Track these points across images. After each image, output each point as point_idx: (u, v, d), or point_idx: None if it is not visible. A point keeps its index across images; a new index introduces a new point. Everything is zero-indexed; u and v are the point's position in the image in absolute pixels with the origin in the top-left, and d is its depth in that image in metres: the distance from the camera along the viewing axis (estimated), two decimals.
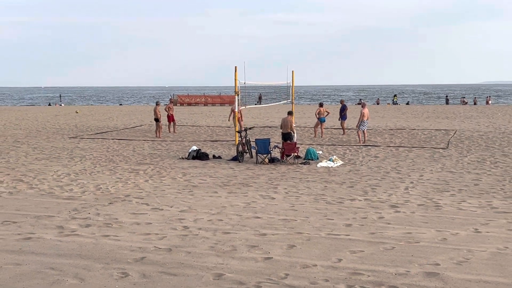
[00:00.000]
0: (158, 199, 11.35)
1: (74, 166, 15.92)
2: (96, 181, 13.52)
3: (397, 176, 13.94)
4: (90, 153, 18.90)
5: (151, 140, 23.27)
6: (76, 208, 10.48)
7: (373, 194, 11.76)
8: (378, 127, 28.40)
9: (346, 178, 13.72)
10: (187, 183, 13.17)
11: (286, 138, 18.01)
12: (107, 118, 38.97)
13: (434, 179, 13.54)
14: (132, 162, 16.74)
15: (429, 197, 11.33)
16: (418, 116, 38.00)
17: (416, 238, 8.30)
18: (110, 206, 10.71)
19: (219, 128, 29.31)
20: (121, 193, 12.00)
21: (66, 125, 32.22)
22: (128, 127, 30.49)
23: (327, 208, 10.38)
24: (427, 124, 30.73)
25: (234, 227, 9.05)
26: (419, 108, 51.01)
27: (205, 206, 10.66)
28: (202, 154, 17.44)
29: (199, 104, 60.03)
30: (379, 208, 10.35)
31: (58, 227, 9.06)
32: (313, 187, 12.54)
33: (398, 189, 12.30)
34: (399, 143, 21.28)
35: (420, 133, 25.31)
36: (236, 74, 21.03)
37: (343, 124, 25.37)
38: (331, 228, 8.91)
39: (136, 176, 14.19)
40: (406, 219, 9.50)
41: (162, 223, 9.34)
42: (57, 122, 34.83)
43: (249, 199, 11.30)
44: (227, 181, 13.49)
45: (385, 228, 8.89)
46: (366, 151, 19.09)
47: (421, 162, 16.41)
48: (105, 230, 8.86)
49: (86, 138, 24.35)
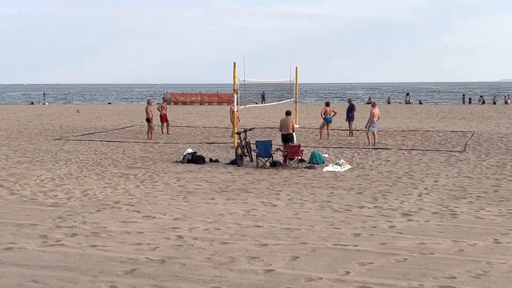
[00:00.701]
0: (150, 206, 11.35)
1: (59, 170, 15.93)
2: (82, 186, 13.52)
3: (410, 182, 13.95)
4: (76, 156, 18.91)
5: (142, 142, 23.29)
6: (61, 216, 10.48)
7: (383, 201, 11.76)
8: (389, 128, 28.41)
9: (354, 184, 13.72)
10: (181, 189, 13.18)
11: (287, 139, 18.02)
12: (94, 118, 38.99)
13: (450, 185, 13.54)
14: (122, 166, 16.75)
15: (445, 205, 11.33)
16: (433, 116, 38.01)
17: (430, 249, 8.30)
18: (98, 213, 10.71)
19: (216, 129, 29.33)
20: (110, 199, 12.00)
21: (50, 125, 32.24)
22: (118, 127, 30.51)
23: (333, 216, 10.38)
24: (442, 125, 30.74)
25: (233, 236, 9.04)
26: (434, 107, 51.03)
27: (201, 214, 10.66)
28: (198, 158, 17.45)
29: (194, 103, 60.10)
30: (390, 217, 10.35)
31: (42, 237, 9.07)
32: (318, 194, 12.55)
33: (411, 195, 12.30)
34: (412, 146, 21.28)
35: (435, 135, 25.32)
36: (235, 70, 21.06)
37: (351, 125, 25.38)
38: (338, 238, 8.91)
39: (126, 181, 14.19)
40: (420, 229, 9.50)
41: (155, 232, 9.34)
42: (41, 122, 34.86)
43: (249, 206, 11.30)
44: (225, 186, 13.50)
45: (397, 238, 8.89)
46: (376, 154, 19.09)
47: (436, 166, 16.41)
48: (93, 240, 8.86)
49: (72, 139, 24.36)
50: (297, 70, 30.75)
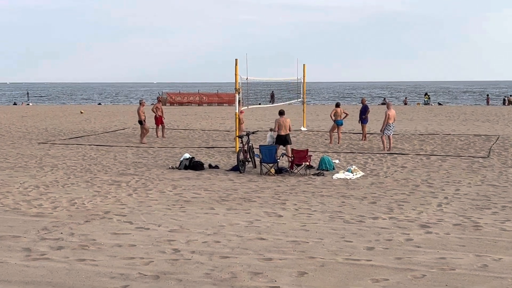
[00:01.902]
0: (143, 216, 11.37)
1: (44, 177, 15.97)
2: (70, 194, 13.55)
3: (429, 190, 13.94)
4: (63, 162, 18.95)
5: (135, 146, 23.33)
6: (46, 227, 10.50)
7: (399, 211, 11.75)
8: (406, 132, 28.40)
9: (367, 192, 13.72)
10: (178, 198, 13.19)
11: (286, 141, 18.15)
12: (83, 120, 39.09)
13: (472, 193, 13.52)
14: (113, 173, 16.79)
15: (467, 216, 11.31)
16: (454, 118, 37.99)
17: (451, 265, 8.29)
18: (86, 224, 10.73)
19: (216, 132, 29.36)
20: (99, 209, 12.02)
21: (34, 128, 32.33)
22: (108, 130, 30.58)
23: (344, 228, 10.38)
24: (464, 128, 30.72)
25: (234, 250, 9.05)
26: (455, 109, 51.00)
27: (200, 225, 10.67)
28: (196, 163, 17.47)
29: (192, 104, 60.26)
30: (407, 229, 10.34)
31: (25, 250, 9.08)
32: (328, 203, 12.55)
33: (430, 205, 12.29)
34: (431, 151, 21.27)
35: (456, 139, 25.30)
36: (236, 68, 21.10)
37: (365, 128, 25.39)
38: (349, 252, 8.91)
39: (118, 189, 14.22)
40: (439, 242, 9.49)
41: (148, 245, 9.35)
42: (24, 124, 34.96)
43: (251, 217, 11.31)
44: (225, 195, 13.51)
45: (414, 253, 8.88)
46: (392, 160, 19.09)
47: (457, 173, 16.40)
48: (81, 253, 8.87)
49: (58, 143, 24.43)
50: (304, 67, 30.81)
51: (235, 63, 21.09)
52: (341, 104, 25.66)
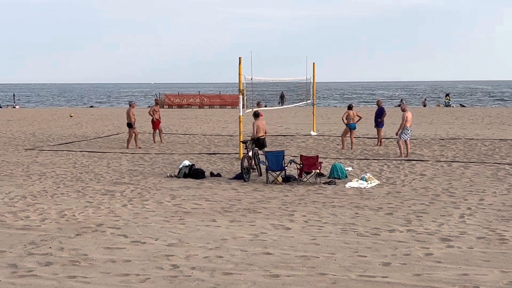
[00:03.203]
0: (139, 229, 11.38)
1: (32, 187, 16.01)
2: (59, 205, 13.58)
3: (450, 200, 13.91)
4: (52, 170, 19.00)
5: (130, 152, 23.37)
6: (34, 241, 10.52)
7: (418, 223, 11.73)
8: (425, 136, 28.36)
9: (383, 203, 13.71)
10: (176, 209, 13.21)
11: (262, 145, 18.64)
12: (74, 124, 39.19)
13: (498, 204, 13.50)
14: (106, 182, 16.82)
15: (492, 228, 11.29)
16: (477, 121, 37.92)
17: (474, 282, 8.27)
18: (77, 238, 10.75)
19: (219, 137, 29.39)
20: (91, 221, 12.04)
21: (21, 133, 32.43)
22: (101, 135, 30.64)
23: (358, 242, 10.37)
24: (489, 132, 30.66)
25: (238, 266, 9.05)
26: (479, 111, 50.91)
27: (200, 238, 10.67)
28: (197, 171, 17.49)
29: (192, 106, 60.34)
30: (427, 242, 10.33)
31: (11, 266, 9.10)
32: (340, 214, 12.54)
33: (451, 217, 12.27)
34: (453, 157, 21.24)
35: (480, 144, 25.25)
36: (240, 67, 21.14)
37: (380, 132, 25.37)
38: (363, 268, 8.90)
39: (111, 200, 14.24)
40: (462, 257, 9.47)
41: (145, 260, 9.36)
42: (10, 129, 35.07)
43: (257, 229, 11.31)
44: (228, 206, 13.52)
45: (435, 268, 8.87)
46: (410, 167, 19.06)
47: (481, 181, 16.36)
48: (71, 270, 8.89)
49: (46, 150, 24.49)
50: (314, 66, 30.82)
51: (239, 62, 21.13)
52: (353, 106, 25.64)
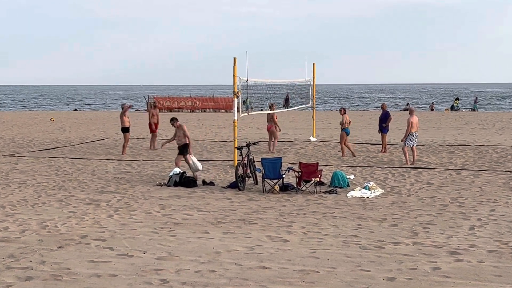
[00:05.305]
0: (126, 241, 11.36)
1: (11, 196, 15.98)
2: (40, 216, 13.55)
3: (459, 211, 13.93)
4: (33, 177, 18.96)
5: (117, 159, 23.35)
6: (13, 254, 10.50)
7: (425, 235, 11.74)
8: (432, 142, 28.40)
9: (387, 213, 13.71)
10: (166, 220, 13.19)
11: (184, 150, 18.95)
12: (56, 128, 39.14)
13: (510, 215, 13.51)
14: (91, 190, 16.79)
15: (504, 241, 11.30)
16: (488, 127, 38.00)
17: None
18: (59, 251, 10.72)
19: (212, 142, 29.39)
20: (75, 233, 12.02)
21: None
22: (86, 141, 30.61)
23: (361, 255, 10.37)
24: (500, 138, 30.71)
25: (232, 280, 9.04)
26: (490, 116, 51.02)
27: (192, 251, 10.66)
28: (188, 179, 17.48)
29: (184, 110, 60.31)
30: (434, 256, 10.33)
31: None
32: (341, 226, 12.54)
33: (460, 228, 12.28)
34: (462, 165, 21.26)
35: (491, 150, 25.29)
36: (235, 68, 21.15)
37: (385, 138, 25.38)
38: (366, 283, 8.89)
39: (96, 210, 14.22)
40: (472, 271, 9.48)
41: (132, 275, 9.34)
42: None
43: (252, 241, 11.30)
44: (222, 216, 13.51)
45: (442, 284, 8.87)
46: (416, 175, 19.08)
47: (493, 191, 16.38)
48: (53, 285, 8.86)
49: (27, 156, 24.44)
50: (314, 67, 30.87)
51: (234, 63, 21.14)
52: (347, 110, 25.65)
